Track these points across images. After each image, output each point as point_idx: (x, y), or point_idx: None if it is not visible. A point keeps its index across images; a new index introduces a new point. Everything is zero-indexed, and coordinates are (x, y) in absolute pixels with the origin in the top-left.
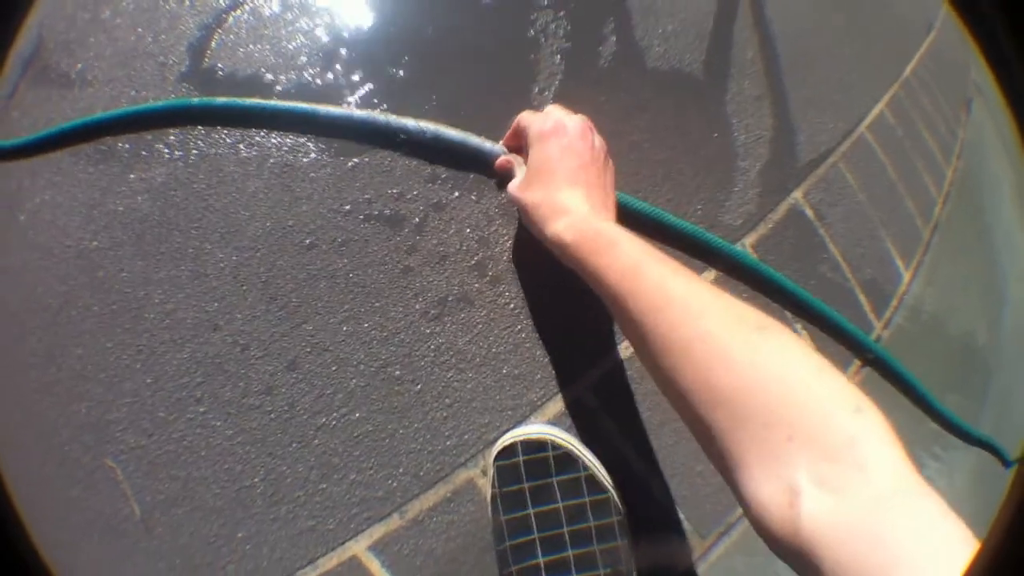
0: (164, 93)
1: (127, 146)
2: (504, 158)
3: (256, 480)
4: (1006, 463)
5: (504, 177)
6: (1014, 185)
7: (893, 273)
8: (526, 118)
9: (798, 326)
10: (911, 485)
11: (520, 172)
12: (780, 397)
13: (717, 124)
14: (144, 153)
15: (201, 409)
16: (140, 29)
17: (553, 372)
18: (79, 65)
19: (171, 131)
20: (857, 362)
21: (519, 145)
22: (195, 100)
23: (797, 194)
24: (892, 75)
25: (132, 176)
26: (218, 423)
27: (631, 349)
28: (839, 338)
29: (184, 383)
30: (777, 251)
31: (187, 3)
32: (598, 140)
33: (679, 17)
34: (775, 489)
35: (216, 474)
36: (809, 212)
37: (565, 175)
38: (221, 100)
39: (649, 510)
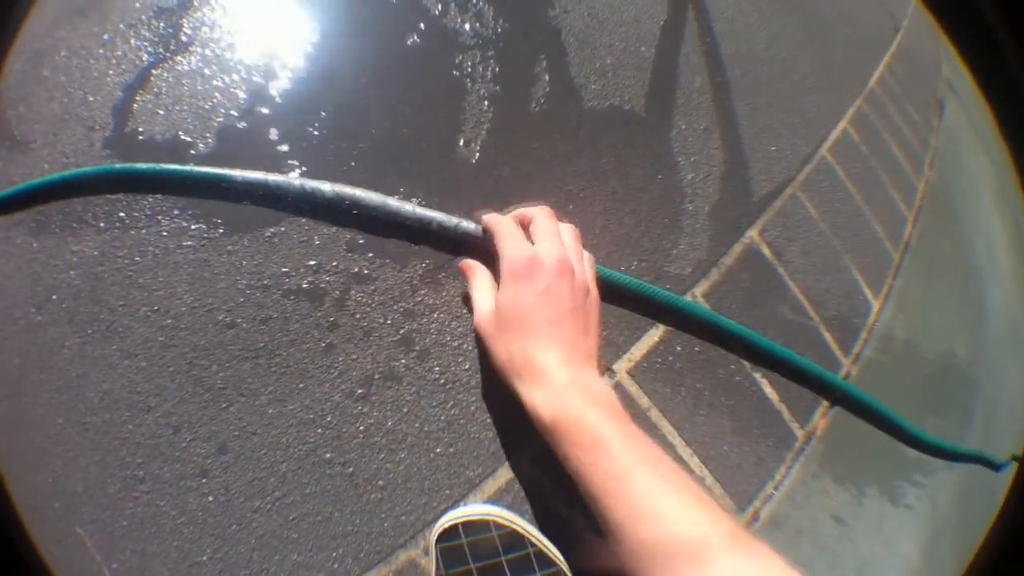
0: (91, 159)
1: (60, 218)
2: (466, 263)
3: (204, 559)
4: (995, 467)
5: (440, 243)
6: (993, 183)
7: (861, 304)
8: (501, 232)
9: (757, 374)
10: None
11: (484, 293)
12: None
13: (661, 164)
14: (75, 225)
15: (144, 488)
16: (72, 88)
17: (490, 447)
18: (24, 125)
19: (97, 201)
20: (825, 403)
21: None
22: (117, 166)
23: (752, 233)
24: (856, 88)
25: (65, 249)
26: (161, 503)
27: None
28: (802, 380)
29: (127, 462)
30: (731, 297)
31: (114, 61)
32: (580, 272)
33: (618, 48)
34: None
35: (167, 550)
36: (766, 251)
37: (541, 329)
38: (142, 165)
39: None
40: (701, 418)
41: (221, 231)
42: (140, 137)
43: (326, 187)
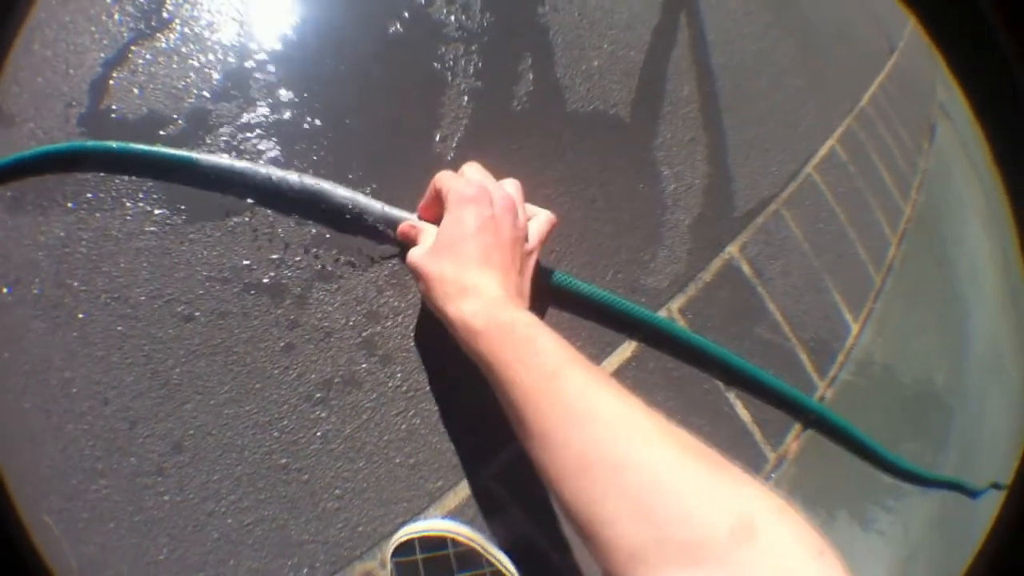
0: (67, 135)
1: (32, 195)
2: (407, 224)
3: (161, 557)
4: (972, 494)
5: (406, 245)
6: (983, 211)
7: (840, 327)
8: (444, 179)
9: (730, 394)
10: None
11: (427, 239)
12: (745, 531)
13: (644, 173)
14: (45, 204)
15: (103, 482)
16: (56, 63)
17: (453, 460)
18: (12, 98)
19: (68, 180)
20: (798, 425)
21: (438, 214)
22: (88, 143)
23: (732, 249)
24: (847, 105)
25: (34, 229)
26: (118, 498)
27: None
28: (776, 401)
29: (87, 455)
30: (708, 314)
31: (96, 36)
32: (523, 217)
33: (607, 51)
34: None
35: (125, 546)
36: (746, 268)
37: (479, 250)
38: (109, 143)
39: None
40: None
41: (184, 217)
42: (113, 115)
43: (293, 177)
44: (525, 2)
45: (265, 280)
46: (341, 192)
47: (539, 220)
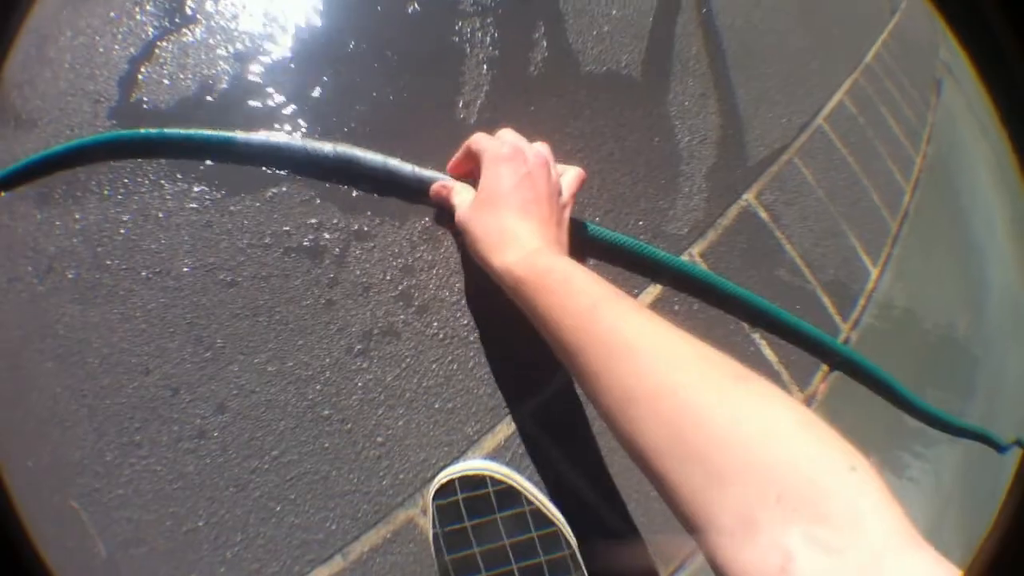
0: (97, 129)
1: (63, 187)
2: (439, 184)
3: (200, 524)
4: (1000, 448)
5: (440, 206)
6: (992, 164)
7: (859, 270)
8: (479, 140)
9: (756, 335)
10: (906, 543)
11: (465, 196)
12: (764, 454)
13: (658, 127)
14: (78, 194)
15: (142, 453)
16: (78, 66)
17: (489, 403)
18: (28, 104)
19: (101, 170)
20: (824, 367)
21: (469, 170)
22: (124, 132)
23: (748, 196)
24: (852, 62)
25: (68, 217)
26: (159, 468)
27: (569, 374)
28: (801, 343)
29: (125, 428)
30: (728, 258)
31: (119, 36)
32: (556, 174)
33: (616, 16)
34: (761, 553)
35: (162, 518)
36: (763, 214)
37: (518, 204)
38: (148, 131)
39: (603, 541)
40: None
41: (223, 192)
42: (145, 106)
43: (327, 147)
44: None
45: (305, 243)
46: (372, 157)
47: (569, 176)
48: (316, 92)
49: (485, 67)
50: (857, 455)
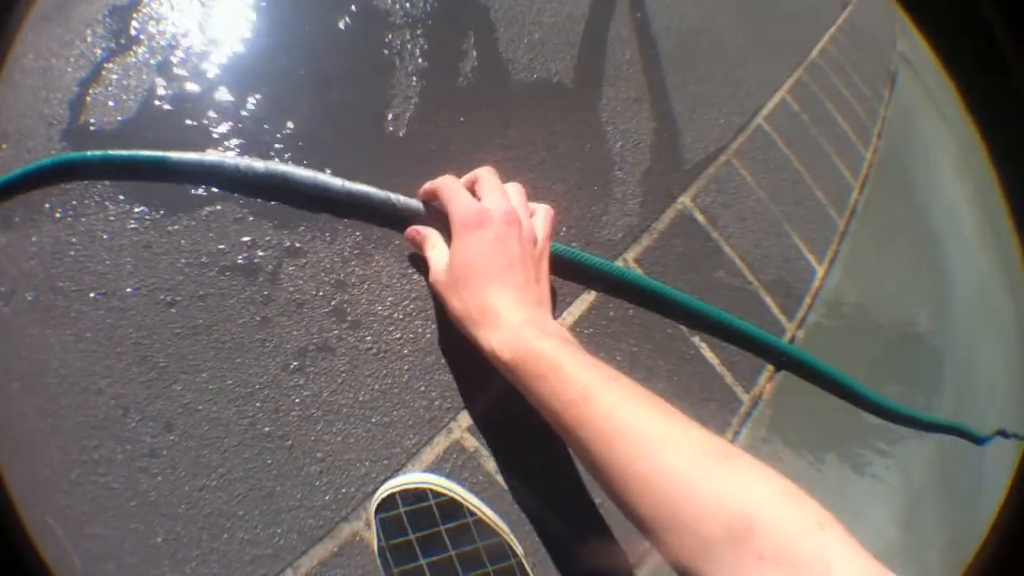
0: (50, 153)
1: (22, 210)
2: (414, 229)
3: (159, 540)
4: (977, 440)
5: (413, 245)
6: (955, 155)
7: (804, 269)
8: (448, 191)
9: (695, 338)
10: None
11: (439, 254)
12: (747, 523)
13: (590, 133)
14: (34, 217)
15: (101, 471)
16: (37, 88)
17: (426, 416)
18: None
19: (54, 192)
20: (770, 367)
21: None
22: (73, 155)
23: (685, 199)
24: (795, 59)
25: (26, 241)
26: (117, 485)
27: (507, 383)
28: (745, 344)
29: (84, 446)
30: (665, 262)
31: (72, 59)
32: (527, 225)
33: (547, 24)
34: None
35: (125, 534)
36: (700, 216)
37: (493, 274)
38: (91, 153)
39: (549, 548)
40: (638, 381)
41: (162, 212)
42: (92, 128)
43: (259, 164)
44: None
45: (239, 260)
46: (302, 173)
47: (539, 216)
48: (249, 110)
49: (415, 79)
50: (826, 514)
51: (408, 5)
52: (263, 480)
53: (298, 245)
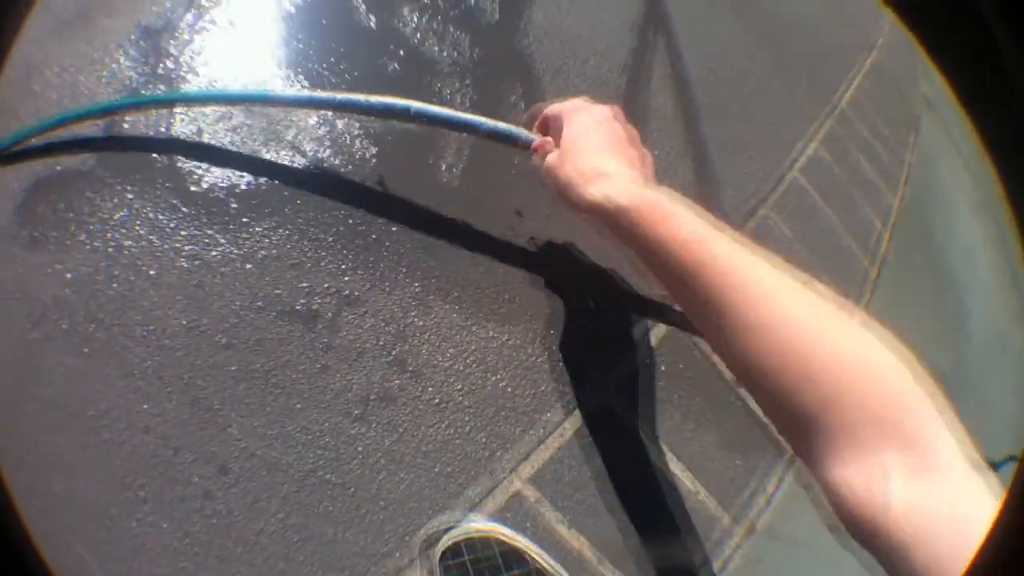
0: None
1: (55, 233)
2: (542, 140)
3: None
4: (994, 467)
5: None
6: (974, 198)
7: None
8: (554, 106)
9: (742, 390)
10: (983, 475)
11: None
12: (870, 380)
13: None
14: (68, 243)
15: (147, 509)
16: (63, 103)
17: (488, 467)
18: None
19: (92, 221)
20: None
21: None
22: (160, 94)
23: None
24: (825, 108)
25: (59, 265)
26: (164, 524)
27: (566, 434)
28: None
29: (128, 483)
30: None
31: (104, 79)
32: (631, 128)
33: (591, 75)
34: (864, 473)
35: (173, 572)
36: None
37: (604, 144)
38: (192, 90)
39: None
40: (688, 433)
41: (214, 253)
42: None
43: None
44: (510, 37)
45: (297, 307)
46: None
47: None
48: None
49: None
50: (938, 391)
51: (456, 53)
52: (324, 527)
53: (357, 294)
